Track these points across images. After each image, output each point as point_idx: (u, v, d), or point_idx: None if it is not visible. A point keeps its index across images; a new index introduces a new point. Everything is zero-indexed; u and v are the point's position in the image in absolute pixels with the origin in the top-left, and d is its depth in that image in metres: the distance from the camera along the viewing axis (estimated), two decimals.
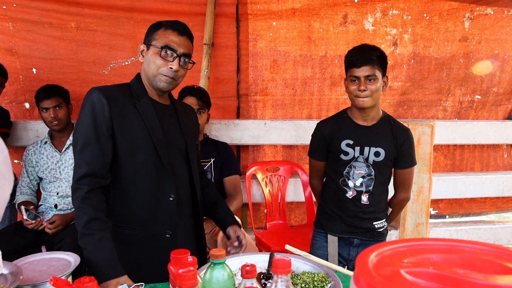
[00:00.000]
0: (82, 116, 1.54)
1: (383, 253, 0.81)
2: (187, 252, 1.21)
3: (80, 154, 1.52)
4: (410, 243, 0.85)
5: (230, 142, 3.07)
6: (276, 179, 3.13)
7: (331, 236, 2.06)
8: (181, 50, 1.58)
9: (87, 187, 1.49)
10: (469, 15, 3.33)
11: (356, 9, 3.17)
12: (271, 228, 3.02)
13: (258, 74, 3.23)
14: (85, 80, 3.06)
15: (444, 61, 3.41)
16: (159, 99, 1.68)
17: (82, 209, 1.47)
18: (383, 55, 1.90)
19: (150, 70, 1.59)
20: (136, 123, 1.57)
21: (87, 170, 1.49)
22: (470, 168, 3.72)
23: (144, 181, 1.59)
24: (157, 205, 1.61)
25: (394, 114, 3.49)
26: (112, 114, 1.53)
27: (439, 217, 3.74)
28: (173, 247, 1.64)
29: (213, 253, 1.03)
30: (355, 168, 1.96)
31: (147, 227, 1.61)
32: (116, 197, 1.60)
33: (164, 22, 1.63)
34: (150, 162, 1.59)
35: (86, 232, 1.46)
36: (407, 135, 1.99)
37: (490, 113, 3.66)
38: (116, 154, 1.56)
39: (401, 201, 2.11)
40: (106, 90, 1.55)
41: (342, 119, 2.04)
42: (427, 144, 3.24)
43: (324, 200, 2.11)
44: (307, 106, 3.35)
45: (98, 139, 1.51)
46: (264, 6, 3.09)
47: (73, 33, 2.98)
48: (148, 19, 2.99)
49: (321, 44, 3.20)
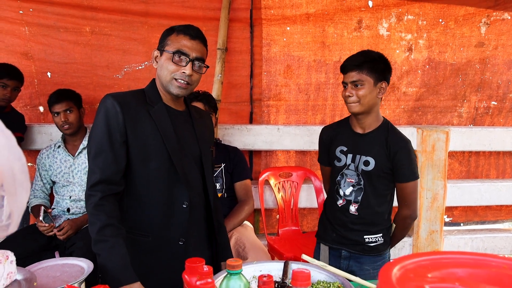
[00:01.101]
0: (96, 122, 1.54)
1: (406, 266, 0.79)
2: (202, 261, 1.19)
3: (94, 160, 1.52)
4: (433, 257, 0.83)
5: (243, 147, 3.06)
6: (289, 184, 3.11)
7: (323, 246, 2.03)
8: (193, 54, 1.57)
9: (100, 193, 1.49)
10: (485, 20, 3.28)
11: (370, 14, 3.14)
12: (284, 234, 2.99)
13: (272, 79, 3.22)
14: (99, 84, 3.08)
15: (459, 67, 3.36)
16: (174, 105, 1.67)
17: (96, 216, 1.47)
18: (378, 61, 1.83)
19: (164, 76, 1.59)
20: (150, 130, 1.57)
21: (100, 177, 1.49)
22: (486, 175, 3.66)
23: (157, 188, 1.59)
24: (170, 212, 1.61)
25: (408, 120, 3.45)
26: (126, 121, 1.53)
27: (453, 224, 3.68)
28: (186, 255, 1.63)
29: (229, 263, 1.01)
30: (346, 176, 1.92)
31: (160, 234, 1.60)
32: (129, 204, 1.60)
33: (176, 27, 1.62)
34: (164, 169, 1.58)
35: (99, 239, 1.46)
36: (403, 145, 1.86)
37: (506, 119, 3.60)
38: (129, 160, 1.56)
39: (404, 219, 1.95)
40: (120, 97, 1.55)
41: (342, 125, 2.02)
42: (441, 151, 3.19)
43: (324, 208, 2.09)
44: (320, 111, 3.33)
45: (112, 146, 1.51)
46: (278, 11, 3.08)
47: (87, 38, 3.00)
48: (162, 24, 3.01)
49: (335, 49, 3.18)
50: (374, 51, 1.89)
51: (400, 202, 1.94)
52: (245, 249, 2.27)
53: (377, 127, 1.91)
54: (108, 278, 1.42)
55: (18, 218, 0.71)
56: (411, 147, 1.89)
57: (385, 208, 1.95)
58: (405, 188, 1.89)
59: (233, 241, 2.34)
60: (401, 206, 1.95)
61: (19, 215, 0.71)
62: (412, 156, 1.88)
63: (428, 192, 3.22)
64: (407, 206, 1.92)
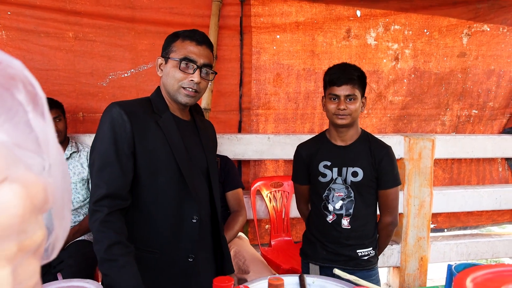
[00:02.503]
0: (101, 133, 1.44)
1: (476, 279, 0.76)
2: (231, 279, 1.13)
3: (99, 174, 1.41)
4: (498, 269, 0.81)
5: (233, 157, 3.00)
6: (280, 194, 3.06)
7: (313, 265, 1.96)
8: (201, 61, 1.50)
9: (107, 209, 1.38)
10: (467, 31, 3.38)
11: (359, 23, 3.18)
12: (276, 245, 2.94)
13: (261, 87, 3.19)
14: (82, 92, 2.94)
15: (443, 76, 3.46)
16: (181, 114, 1.60)
17: (102, 233, 1.37)
18: (363, 76, 1.85)
19: (171, 85, 1.51)
20: (159, 141, 1.48)
21: (106, 191, 1.39)
22: (467, 181, 3.76)
23: (166, 202, 1.50)
24: (179, 227, 1.52)
25: (394, 128, 3.50)
26: (134, 131, 1.43)
27: (437, 230, 3.75)
28: (195, 271, 1.56)
29: (272, 282, 0.95)
30: (334, 190, 1.89)
31: (168, 250, 1.51)
32: (135, 219, 1.50)
33: (181, 33, 1.55)
34: (173, 182, 1.50)
35: (108, 258, 1.36)
36: (386, 152, 1.89)
37: (486, 127, 3.72)
38: (136, 173, 1.46)
39: (386, 226, 1.96)
40: (126, 106, 1.46)
41: (320, 140, 1.98)
42: (428, 158, 3.25)
43: (308, 226, 2.04)
44: (309, 120, 3.32)
45: (119, 158, 1.41)
46: (268, 19, 3.06)
47: (70, 43, 2.86)
48: (149, 30, 2.93)
49: (324, 58, 3.19)
50: (354, 64, 1.89)
51: (383, 209, 1.95)
52: (245, 262, 2.21)
53: (358, 138, 1.91)
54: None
55: (61, 244, 0.63)
56: (393, 153, 1.92)
57: (373, 218, 1.96)
58: (389, 194, 1.90)
59: (232, 254, 2.27)
60: (384, 214, 1.95)
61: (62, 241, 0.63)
62: (394, 162, 1.91)
63: (415, 199, 3.26)
64: (390, 212, 1.93)
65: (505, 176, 3.83)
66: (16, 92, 0.47)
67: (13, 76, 0.44)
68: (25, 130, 0.52)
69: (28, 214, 0.48)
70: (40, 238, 0.54)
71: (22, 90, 0.46)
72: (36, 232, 0.52)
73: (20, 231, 0.48)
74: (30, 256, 0.52)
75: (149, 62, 2.95)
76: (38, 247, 0.54)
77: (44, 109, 0.48)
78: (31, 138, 0.53)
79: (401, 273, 3.32)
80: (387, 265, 3.30)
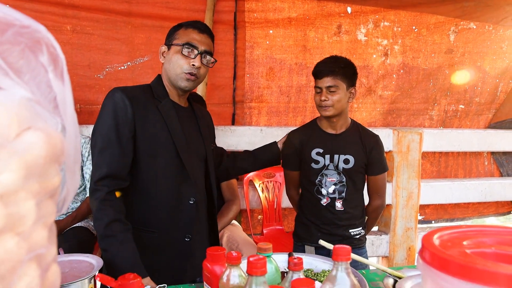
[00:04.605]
0: (103, 116, 1.52)
1: (442, 237, 0.85)
2: (223, 249, 1.21)
3: (100, 155, 1.50)
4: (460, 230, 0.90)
5: (227, 148, 3.06)
6: (272, 185, 3.15)
7: (308, 247, 2.06)
8: (202, 47, 1.59)
9: (107, 188, 1.47)
10: (454, 29, 3.49)
11: (349, 20, 3.27)
12: (268, 234, 3.03)
13: (254, 81, 3.27)
14: (79, 84, 3.01)
15: (431, 72, 3.56)
16: (179, 101, 1.68)
17: (103, 211, 1.45)
18: (349, 67, 1.94)
19: (172, 69, 1.59)
20: (159, 126, 1.56)
21: (107, 171, 1.47)
22: (454, 174, 3.87)
23: (165, 184, 1.58)
24: (177, 209, 1.60)
25: (383, 122, 3.60)
26: (135, 115, 1.52)
27: (425, 222, 3.86)
28: (191, 251, 1.64)
29: (261, 246, 1.04)
30: (327, 176, 1.99)
31: (166, 230, 1.59)
32: (135, 200, 1.58)
33: (184, 23, 1.64)
34: (171, 165, 1.58)
35: (107, 234, 1.44)
36: (376, 141, 2.03)
37: (472, 122, 3.83)
38: (136, 156, 1.55)
39: (376, 209, 2.13)
40: (128, 91, 1.55)
41: (312, 128, 2.07)
42: (416, 151, 3.35)
43: (301, 210, 2.13)
44: (301, 113, 3.41)
45: (119, 141, 1.49)
46: (261, 15, 3.15)
47: (68, 36, 2.93)
48: (146, 24, 3.00)
49: (315, 53, 3.28)
50: (343, 57, 1.98)
51: (373, 193, 2.11)
52: (238, 246, 2.29)
53: (348, 127, 2.02)
54: (116, 273, 1.40)
55: (71, 199, 0.71)
56: (381, 141, 2.06)
57: (362, 201, 2.10)
58: (378, 180, 2.06)
59: (225, 239, 2.36)
60: (373, 198, 2.11)
61: (72, 196, 0.71)
62: (383, 150, 2.06)
63: (403, 191, 3.37)
64: (380, 196, 2.10)
65: (491, 170, 3.95)
66: (39, 55, 0.55)
67: (39, 39, 0.53)
68: (45, 90, 0.60)
69: (49, 158, 0.57)
70: (57, 184, 0.62)
71: (45, 52, 0.54)
72: (54, 178, 0.60)
73: (42, 172, 0.57)
74: (49, 198, 0.61)
75: (145, 55, 3.03)
76: (55, 191, 0.62)
77: (63, 70, 0.56)
78: (49, 98, 0.62)
79: (390, 262, 3.42)
80: (376, 255, 3.40)
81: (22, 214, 0.50)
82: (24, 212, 0.51)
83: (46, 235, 0.57)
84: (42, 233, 0.56)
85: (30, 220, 0.52)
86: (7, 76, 0.53)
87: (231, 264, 1.01)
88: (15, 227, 0.50)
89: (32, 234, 0.53)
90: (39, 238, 0.55)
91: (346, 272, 0.85)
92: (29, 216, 0.53)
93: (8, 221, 0.48)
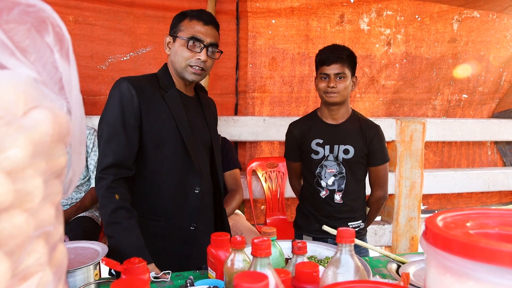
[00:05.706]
0: (110, 106, 1.52)
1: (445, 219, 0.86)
2: (227, 234, 1.22)
3: (106, 144, 1.51)
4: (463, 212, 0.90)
5: (230, 138, 3.08)
6: (275, 175, 3.16)
7: (306, 236, 2.08)
8: (208, 40, 1.58)
9: (112, 176, 1.48)
10: (457, 18, 3.47)
11: (352, 9, 3.25)
12: (271, 223, 3.04)
13: (257, 71, 3.26)
14: (82, 75, 3.01)
15: (434, 61, 3.54)
16: (186, 90, 1.69)
17: (108, 198, 1.46)
18: (352, 56, 1.95)
19: (178, 63, 1.59)
20: (164, 115, 1.57)
21: (113, 160, 1.48)
22: (457, 164, 3.86)
23: (170, 173, 1.59)
24: (182, 197, 1.62)
25: (386, 112, 3.59)
26: (141, 105, 1.52)
27: (428, 212, 3.86)
28: (196, 240, 1.66)
29: (265, 230, 1.05)
30: (326, 167, 1.99)
31: (172, 219, 1.61)
32: (141, 188, 1.59)
33: (189, 12, 1.63)
34: (177, 155, 1.59)
35: (112, 221, 1.45)
36: (376, 131, 2.01)
37: (476, 111, 3.82)
38: (142, 145, 1.56)
39: (378, 200, 2.10)
40: (134, 81, 1.55)
41: (312, 119, 2.07)
42: (419, 141, 3.35)
43: (301, 200, 2.15)
44: (303, 103, 3.41)
45: (126, 130, 1.50)
46: (263, 4, 3.13)
47: (70, 27, 2.93)
48: (148, 15, 2.99)
49: (318, 42, 3.26)
50: (344, 45, 1.98)
51: (374, 184, 2.08)
52: (242, 235, 2.30)
53: (348, 117, 2.01)
54: (121, 259, 1.41)
55: (77, 180, 0.72)
56: (382, 131, 2.04)
57: (363, 193, 2.08)
58: (380, 170, 2.03)
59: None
60: (375, 189, 2.08)
61: (78, 177, 0.72)
62: (383, 140, 2.04)
63: (406, 180, 3.37)
64: (381, 187, 2.07)
65: (494, 160, 3.94)
66: (45, 35, 0.55)
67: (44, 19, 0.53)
68: (51, 71, 0.61)
69: (56, 137, 0.57)
70: (63, 164, 0.63)
71: (51, 32, 0.54)
72: (60, 157, 0.61)
73: (49, 151, 0.57)
74: (56, 177, 0.61)
75: (147, 46, 3.02)
76: (61, 171, 0.63)
77: (69, 51, 0.56)
78: (55, 79, 0.62)
79: (393, 252, 3.43)
80: (379, 244, 3.41)
81: (30, 190, 0.51)
82: (31, 189, 0.51)
83: (54, 213, 0.58)
84: (50, 211, 0.56)
85: (38, 197, 0.53)
86: (13, 56, 0.54)
87: (235, 249, 1.02)
88: (23, 203, 0.50)
89: (40, 211, 0.54)
90: (46, 216, 0.55)
91: (350, 254, 0.86)
92: (37, 193, 0.54)
93: (17, 197, 0.49)
